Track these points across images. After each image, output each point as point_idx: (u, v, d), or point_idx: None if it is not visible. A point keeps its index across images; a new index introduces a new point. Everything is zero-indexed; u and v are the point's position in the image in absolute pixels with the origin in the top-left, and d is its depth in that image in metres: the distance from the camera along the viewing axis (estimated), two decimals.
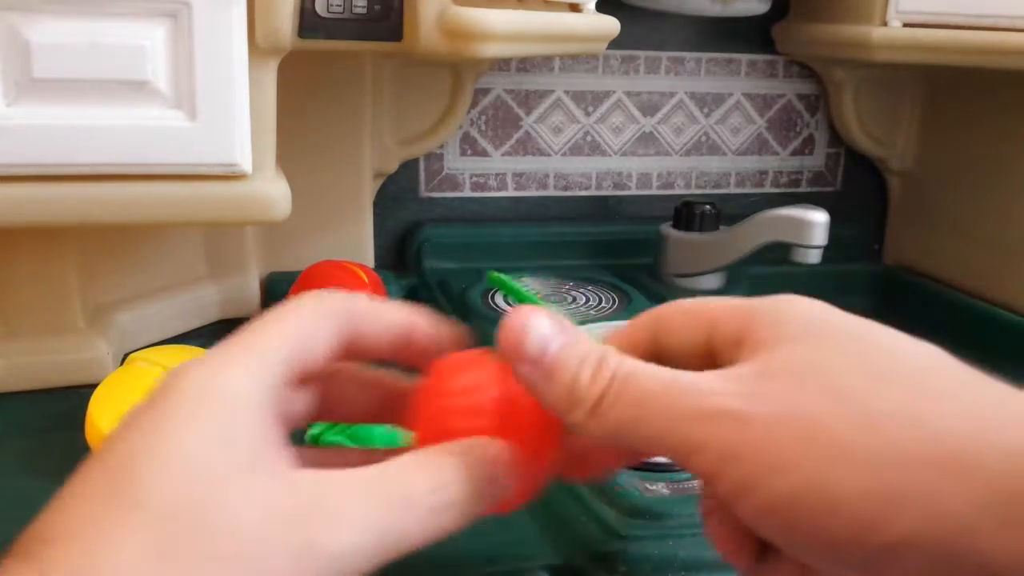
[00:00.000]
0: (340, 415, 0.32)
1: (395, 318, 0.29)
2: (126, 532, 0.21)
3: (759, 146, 0.85)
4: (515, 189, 0.79)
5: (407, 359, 0.30)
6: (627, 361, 0.25)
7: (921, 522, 0.21)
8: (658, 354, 0.28)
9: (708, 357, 0.27)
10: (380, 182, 0.73)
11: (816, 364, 0.23)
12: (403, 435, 0.30)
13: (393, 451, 0.27)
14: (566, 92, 0.78)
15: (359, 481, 0.24)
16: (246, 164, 0.45)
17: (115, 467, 0.23)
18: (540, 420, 0.27)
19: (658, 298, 0.70)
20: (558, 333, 0.26)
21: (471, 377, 0.27)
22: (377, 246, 0.73)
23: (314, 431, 0.40)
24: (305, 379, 0.27)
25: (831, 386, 0.23)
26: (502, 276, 0.35)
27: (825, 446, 0.22)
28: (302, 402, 0.29)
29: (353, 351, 0.29)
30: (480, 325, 0.61)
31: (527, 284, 0.72)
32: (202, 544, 0.21)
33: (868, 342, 0.24)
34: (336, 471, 0.24)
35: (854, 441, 0.22)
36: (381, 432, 0.40)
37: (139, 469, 0.22)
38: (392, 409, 0.31)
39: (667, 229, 0.74)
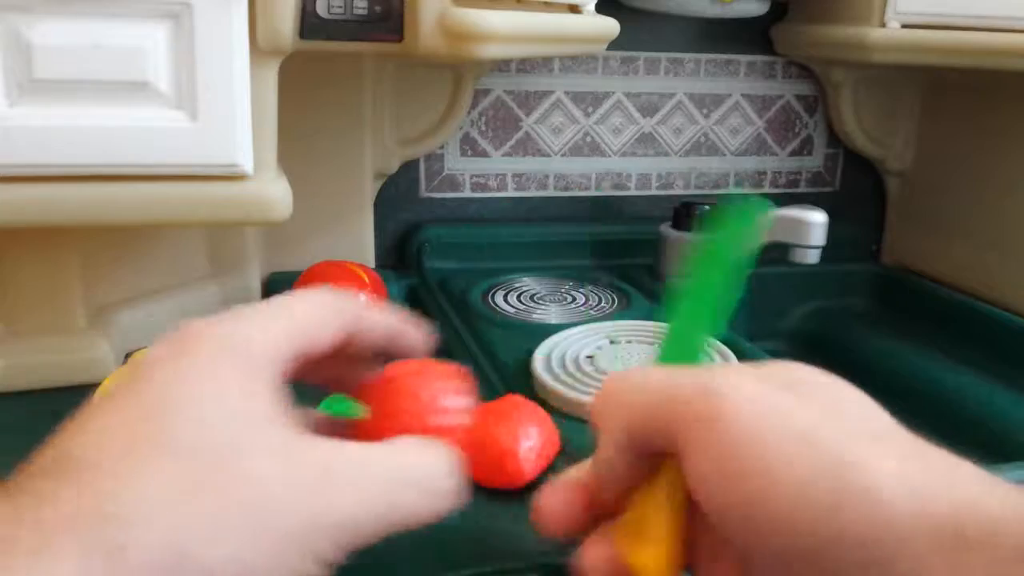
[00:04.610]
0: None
1: (388, 323, 0.32)
2: (154, 470, 0.23)
3: (758, 147, 0.85)
4: (515, 189, 0.80)
5: (387, 356, 0.33)
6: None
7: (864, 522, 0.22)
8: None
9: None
10: (381, 182, 0.73)
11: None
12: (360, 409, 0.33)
13: (352, 424, 0.32)
14: (566, 93, 0.79)
15: (365, 457, 0.26)
16: (247, 165, 0.45)
17: (147, 407, 0.24)
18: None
19: (657, 298, 0.70)
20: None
21: (419, 387, 0.32)
22: (378, 246, 0.73)
23: None
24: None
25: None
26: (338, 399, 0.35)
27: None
28: None
29: (344, 346, 0.31)
30: (480, 324, 0.61)
31: (527, 284, 0.72)
32: (224, 489, 0.23)
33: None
34: (341, 443, 0.26)
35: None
36: (340, 404, 0.41)
37: (168, 412, 0.24)
38: (339, 383, 0.34)
39: (666, 229, 0.74)
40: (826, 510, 0.23)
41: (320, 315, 0.29)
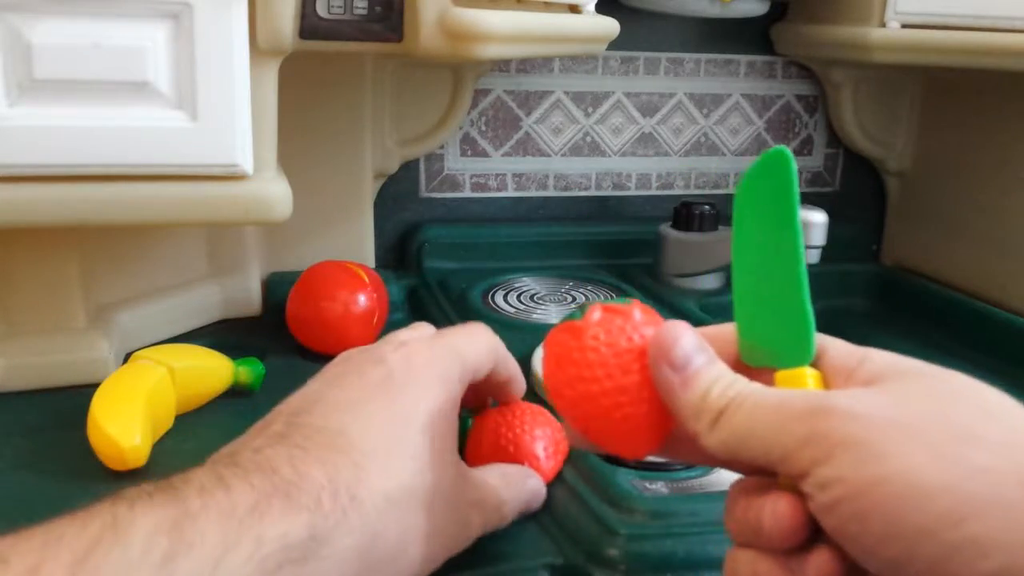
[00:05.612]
0: None
1: (515, 368, 0.40)
2: (399, 468, 0.31)
3: (758, 146, 0.85)
4: (515, 189, 0.80)
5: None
6: (750, 383, 0.28)
7: (996, 528, 0.22)
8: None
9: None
10: (381, 182, 0.73)
11: (921, 391, 0.26)
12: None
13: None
14: (566, 93, 0.79)
15: (464, 481, 0.36)
16: (247, 165, 0.45)
17: (399, 413, 0.33)
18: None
19: (657, 298, 0.70)
20: (701, 352, 0.29)
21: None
22: (377, 246, 0.73)
23: None
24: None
25: (933, 407, 0.25)
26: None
27: (922, 445, 0.23)
28: None
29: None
30: None
31: (527, 284, 0.72)
32: (435, 491, 0.32)
33: (964, 384, 0.26)
34: (463, 466, 0.36)
35: (949, 446, 0.23)
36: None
37: (414, 425, 0.33)
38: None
39: (666, 229, 0.74)
40: (948, 517, 0.22)
41: (487, 355, 0.38)
